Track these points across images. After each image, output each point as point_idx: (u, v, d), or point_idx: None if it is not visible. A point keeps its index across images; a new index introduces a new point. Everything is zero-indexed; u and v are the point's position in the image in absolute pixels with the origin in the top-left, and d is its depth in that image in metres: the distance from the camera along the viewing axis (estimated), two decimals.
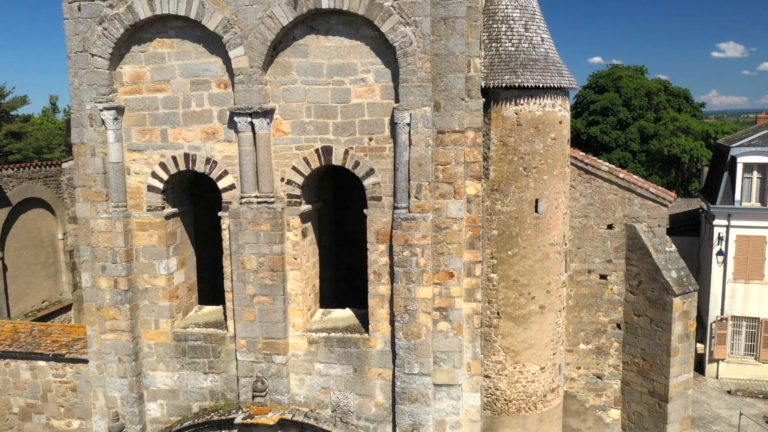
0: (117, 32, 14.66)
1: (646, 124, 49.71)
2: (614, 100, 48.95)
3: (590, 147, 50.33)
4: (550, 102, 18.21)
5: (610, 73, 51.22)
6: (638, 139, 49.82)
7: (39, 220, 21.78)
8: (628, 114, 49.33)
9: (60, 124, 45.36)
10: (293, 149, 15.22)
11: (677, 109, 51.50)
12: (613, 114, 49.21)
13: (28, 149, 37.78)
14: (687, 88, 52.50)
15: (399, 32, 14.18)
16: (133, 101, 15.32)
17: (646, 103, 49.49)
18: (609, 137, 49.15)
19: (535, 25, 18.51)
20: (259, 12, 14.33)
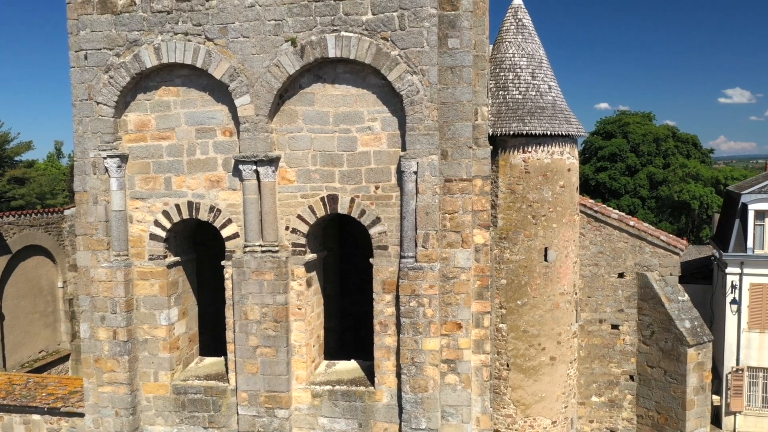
0: (123, 81, 14.84)
1: (655, 170, 49.76)
2: (622, 146, 49.13)
3: (599, 193, 50.28)
4: (558, 149, 18.27)
5: (618, 120, 51.52)
6: (647, 186, 49.81)
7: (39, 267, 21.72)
8: (636, 160, 49.43)
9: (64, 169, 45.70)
10: (298, 197, 15.22)
11: (686, 155, 51.63)
12: (621, 160, 49.31)
13: (31, 195, 37.98)
14: (695, 134, 52.70)
15: (406, 81, 14.30)
16: (137, 149, 15.41)
17: (655, 149, 49.64)
18: (618, 183, 49.15)
19: (542, 73, 18.70)
20: (266, 61, 14.50)
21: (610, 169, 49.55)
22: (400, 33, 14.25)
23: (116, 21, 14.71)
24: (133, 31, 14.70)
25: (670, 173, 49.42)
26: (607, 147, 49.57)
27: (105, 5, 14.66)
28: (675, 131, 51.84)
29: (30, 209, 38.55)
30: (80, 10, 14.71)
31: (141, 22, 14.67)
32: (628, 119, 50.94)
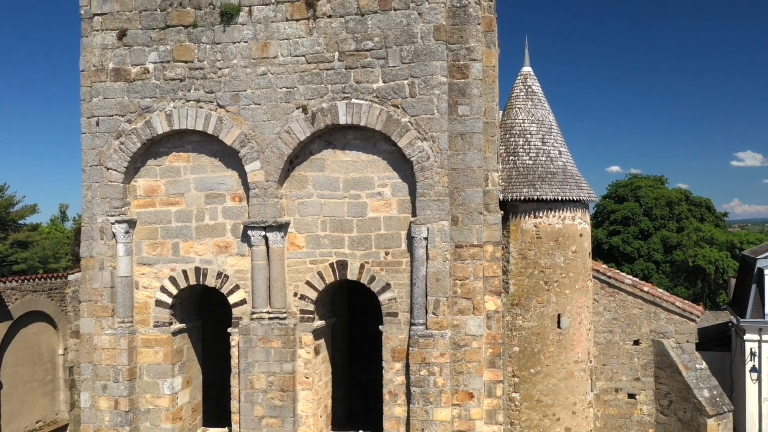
0: (134, 147, 15.24)
1: (669, 234, 49.78)
2: (635, 210, 49.28)
3: (612, 257, 50.21)
4: (569, 215, 18.45)
5: (630, 183, 51.85)
6: (661, 250, 49.74)
7: (40, 334, 21.69)
8: (649, 224, 49.51)
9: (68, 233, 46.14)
10: (307, 263, 15.36)
11: (700, 219, 51.67)
12: (634, 224, 49.41)
13: (34, 259, 38.27)
14: (708, 198, 52.88)
15: (416, 147, 14.63)
16: (145, 214, 15.68)
17: (668, 213, 49.76)
18: (631, 247, 49.14)
19: (552, 138, 19.07)
20: (277, 127, 14.90)
21: (623, 233, 49.60)
22: (410, 100, 14.67)
23: (129, 88, 15.22)
24: (146, 98, 15.19)
25: (684, 237, 49.41)
26: (619, 210, 49.72)
27: (119, 73, 15.20)
28: (688, 195, 52.04)
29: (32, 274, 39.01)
30: (94, 78, 15.24)
31: (154, 89, 15.17)
32: (640, 183, 51.25)
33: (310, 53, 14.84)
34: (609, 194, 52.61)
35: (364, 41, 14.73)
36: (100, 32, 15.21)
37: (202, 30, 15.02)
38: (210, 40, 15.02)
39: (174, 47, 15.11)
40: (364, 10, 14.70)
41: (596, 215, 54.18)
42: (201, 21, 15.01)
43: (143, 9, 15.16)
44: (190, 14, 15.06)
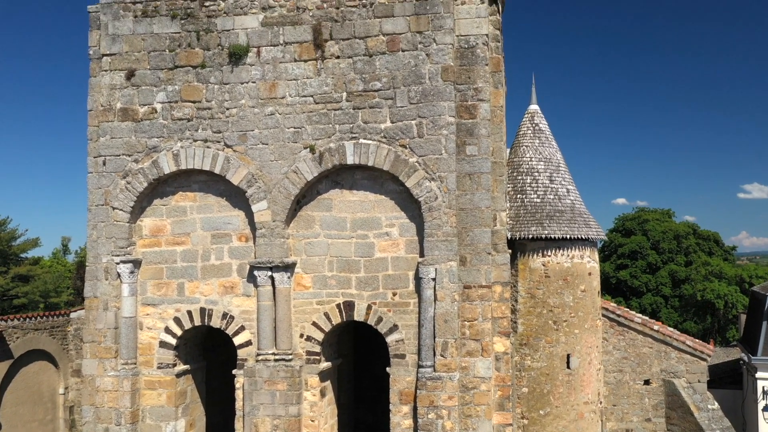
0: (140, 186, 15.32)
1: (677, 268, 49.67)
2: (642, 244, 49.28)
3: (620, 291, 50.04)
4: (578, 253, 18.45)
5: (637, 216, 51.92)
6: (669, 284, 49.60)
7: (41, 373, 21.58)
8: (657, 257, 49.44)
9: (70, 266, 46.14)
10: (314, 304, 15.33)
11: (708, 253, 51.60)
12: (642, 257, 49.36)
13: (35, 293, 38.21)
14: (716, 231, 52.88)
15: (424, 187, 14.69)
16: (151, 254, 15.70)
17: (676, 247, 49.72)
18: (639, 281, 49.01)
19: (560, 176, 19.14)
20: (284, 167, 14.99)
21: (630, 267, 49.53)
22: (418, 140, 14.77)
23: (137, 128, 15.36)
24: (153, 138, 15.32)
25: (692, 271, 49.27)
26: (627, 244, 49.73)
27: (126, 113, 15.35)
28: (696, 228, 52.05)
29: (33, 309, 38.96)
30: (101, 118, 15.39)
31: (161, 129, 15.31)
32: (648, 216, 51.32)
33: (318, 93, 14.99)
34: (616, 228, 52.64)
35: (372, 82, 14.89)
36: (109, 72, 15.40)
37: (210, 70, 15.20)
38: (218, 80, 15.19)
39: (182, 87, 15.27)
40: (372, 51, 14.88)
41: (603, 249, 54.10)
42: (209, 61, 15.20)
43: (152, 50, 15.35)
44: (199, 55, 15.25)
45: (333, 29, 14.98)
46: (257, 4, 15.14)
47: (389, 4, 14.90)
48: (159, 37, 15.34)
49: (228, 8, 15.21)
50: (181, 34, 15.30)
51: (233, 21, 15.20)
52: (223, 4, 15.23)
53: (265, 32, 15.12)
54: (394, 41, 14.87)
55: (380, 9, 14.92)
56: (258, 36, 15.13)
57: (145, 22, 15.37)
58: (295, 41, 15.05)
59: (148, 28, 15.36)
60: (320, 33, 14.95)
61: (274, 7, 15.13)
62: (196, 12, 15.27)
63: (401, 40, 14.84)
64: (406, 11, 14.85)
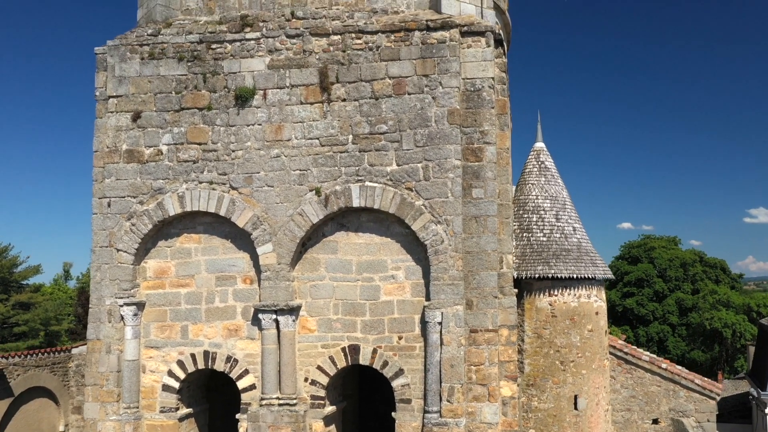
0: (145, 228, 15.35)
1: (684, 296, 49.59)
2: (649, 271, 49.27)
3: (626, 319, 49.93)
4: (585, 293, 18.42)
5: (643, 244, 51.98)
6: (677, 312, 49.48)
7: (41, 410, 21.48)
8: (664, 285, 49.38)
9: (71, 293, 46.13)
10: (319, 347, 15.29)
11: (715, 281, 51.56)
12: (648, 285, 49.31)
13: (35, 321, 38.13)
14: (723, 259, 52.95)
15: (430, 231, 14.70)
16: (154, 296, 15.68)
17: (682, 275, 49.71)
18: (645, 309, 48.90)
19: (566, 215, 19.16)
20: (290, 209, 15.02)
21: (637, 294, 49.47)
22: (424, 183, 14.81)
23: (142, 170, 15.41)
24: (159, 180, 15.37)
25: (699, 299, 49.17)
26: (633, 272, 49.71)
27: (132, 155, 15.41)
28: (702, 256, 52.05)
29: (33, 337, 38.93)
30: (107, 159, 15.46)
31: (167, 170, 15.36)
32: (654, 243, 51.36)
33: (324, 136, 15.06)
34: (622, 255, 52.67)
35: (378, 124, 14.96)
36: (115, 114, 15.48)
37: (216, 112, 15.29)
38: (224, 122, 15.27)
39: (188, 129, 15.35)
40: (378, 94, 14.97)
41: None
42: (216, 104, 15.29)
43: (158, 92, 15.45)
44: (205, 97, 15.35)
45: (339, 72, 15.08)
46: (264, 47, 15.26)
47: (395, 48, 15.02)
48: (165, 79, 15.45)
49: (235, 51, 15.33)
50: (187, 76, 15.41)
51: (240, 63, 15.31)
52: (230, 46, 15.35)
53: (271, 75, 15.23)
54: (401, 84, 14.96)
55: (386, 52, 15.03)
56: (264, 78, 15.24)
57: (152, 64, 15.48)
58: (301, 84, 15.15)
59: (155, 70, 15.47)
60: (327, 76, 15.05)
61: (281, 50, 15.24)
62: (203, 54, 15.38)
63: (407, 83, 14.94)
64: (412, 55, 14.96)
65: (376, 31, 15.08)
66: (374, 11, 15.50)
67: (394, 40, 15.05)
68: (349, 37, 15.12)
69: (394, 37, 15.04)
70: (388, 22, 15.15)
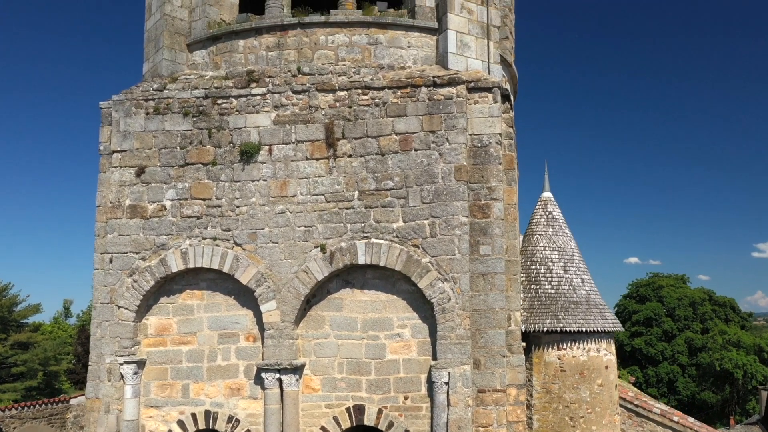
0: (147, 285, 15.24)
1: (693, 336, 49.32)
2: (657, 310, 49.09)
3: (635, 360, 49.60)
4: (594, 346, 18.24)
5: (651, 282, 51.87)
6: (686, 352, 49.16)
7: None
8: (673, 325, 49.16)
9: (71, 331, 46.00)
10: (323, 407, 15.08)
11: (724, 320, 51.34)
12: (657, 325, 49.09)
13: (34, 361, 37.95)
14: (732, 297, 52.74)
15: (437, 288, 14.58)
16: (155, 354, 15.52)
17: (691, 314, 49.52)
18: (654, 349, 48.62)
19: (574, 266, 19.04)
20: (294, 266, 14.92)
21: (645, 334, 49.22)
22: (431, 240, 14.72)
23: (145, 225, 15.35)
24: (162, 236, 15.29)
25: (709, 339, 48.91)
26: (641, 311, 49.55)
27: (135, 210, 15.37)
28: (711, 294, 51.90)
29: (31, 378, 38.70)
30: (110, 214, 15.41)
31: (170, 226, 15.30)
32: (662, 282, 51.23)
33: (329, 192, 15.02)
34: (629, 294, 52.54)
35: (384, 181, 14.93)
36: (119, 169, 15.47)
37: (221, 168, 15.27)
38: (229, 178, 15.24)
39: (192, 185, 15.32)
40: (384, 150, 14.96)
41: (617, 315, 53.71)
42: (220, 159, 15.28)
43: (163, 146, 15.46)
44: (210, 152, 15.34)
45: (345, 128, 15.09)
46: (269, 103, 15.29)
47: (402, 104, 15.04)
48: (170, 134, 15.47)
49: (240, 106, 15.36)
50: (192, 131, 15.42)
51: (245, 119, 15.33)
52: (236, 102, 15.39)
53: (277, 130, 15.23)
54: (407, 140, 14.96)
55: (393, 108, 15.05)
56: (270, 134, 15.24)
57: (157, 119, 15.51)
58: (307, 139, 15.14)
59: (160, 125, 15.49)
60: (332, 132, 15.05)
61: (287, 106, 15.27)
62: (209, 110, 15.41)
63: (414, 139, 14.93)
64: (418, 111, 14.97)
65: (382, 87, 15.11)
66: (381, 67, 15.54)
67: (401, 96, 15.07)
68: (355, 92, 15.16)
69: (401, 93, 15.07)
70: (394, 78, 15.19)
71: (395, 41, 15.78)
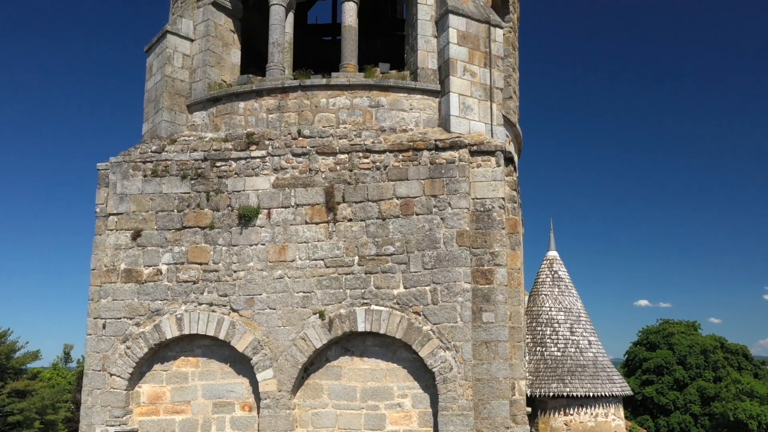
0: (140, 352, 14.95)
1: (706, 385, 48.46)
2: (668, 358, 48.36)
3: (647, 409, 48.70)
4: (602, 411, 17.85)
5: (661, 329, 51.21)
6: (698, 401, 48.25)
7: None
8: (684, 373, 48.35)
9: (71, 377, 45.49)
10: None
11: (737, 368, 50.52)
12: (668, 373, 48.30)
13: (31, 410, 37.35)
14: (744, 344, 51.98)
15: (438, 357, 14.26)
16: (148, 423, 15.14)
17: (703, 362, 48.75)
18: (666, 399, 47.72)
19: (581, 327, 18.73)
20: (292, 333, 14.65)
21: (656, 382, 48.40)
22: (432, 307, 14.44)
23: (140, 290, 15.11)
24: (156, 301, 15.05)
25: (722, 388, 48.04)
26: (652, 359, 48.82)
27: (130, 274, 15.15)
28: (723, 342, 51.16)
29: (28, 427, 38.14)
30: (104, 278, 15.20)
31: (165, 291, 15.06)
32: (672, 329, 50.58)
33: (329, 257, 14.79)
34: (640, 341, 51.83)
35: (384, 246, 14.70)
36: (114, 232, 15.29)
37: (219, 231, 15.08)
38: (226, 242, 15.04)
39: (189, 249, 15.11)
40: (385, 215, 14.77)
41: (627, 363, 53.10)
42: (218, 222, 15.10)
43: (160, 209, 15.30)
44: (208, 216, 15.17)
45: (346, 192, 14.92)
46: (269, 166, 15.16)
47: (403, 168, 14.89)
48: (168, 197, 15.32)
49: (240, 169, 15.24)
50: (190, 194, 15.27)
51: (244, 182, 15.19)
52: (235, 164, 15.27)
53: (276, 194, 15.08)
54: (408, 205, 14.77)
55: (394, 172, 14.89)
56: (269, 197, 15.08)
57: (155, 182, 15.38)
58: (306, 203, 14.97)
59: (158, 187, 15.35)
60: (333, 195, 14.88)
61: (287, 169, 15.13)
62: (207, 172, 15.29)
63: (415, 203, 14.75)
64: (420, 175, 14.82)
65: (383, 151, 14.98)
66: (382, 129, 15.43)
67: (402, 160, 14.93)
68: (356, 156, 15.02)
69: (402, 157, 14.93)
70: (396, 141, 15.07)
71: (397, 103, 15.70)
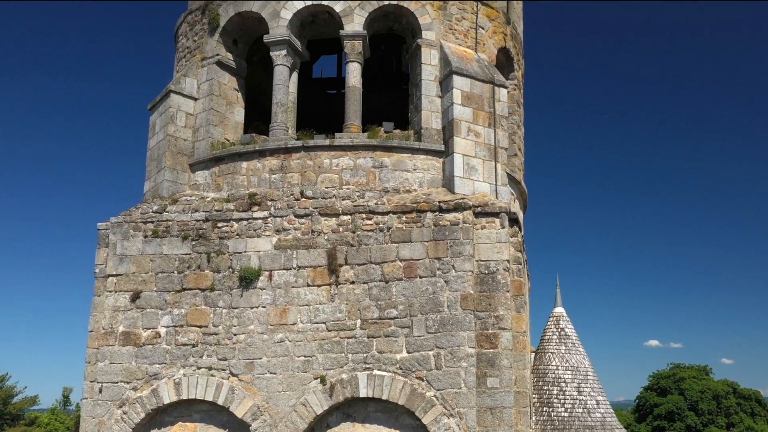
0: (137, 417, 14.75)
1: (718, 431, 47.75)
2: (680, 404, 47.77)
3: None
4: None
5: (672, 374, 50.67)
6: None
7: None
8: (696, 419, 47.71)
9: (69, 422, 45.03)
10: None
11: (750, 414, 49.82)
12: (680, 419, 47.68)
13: None
14: (757, 389, 51.25)
15: (442, 424, 14.05)
16: None
17: (715, 408, 48.12)
18: None
19: (588, 386, 18.47)
20: (292, 399, 14.45)
21: (668, 429, 47.73)
22: (436, 373, 14.25)
23: (138, 353, 14.97)
24: (154, 364, 14.89)
25: None
26: (663, 404, 48.26)
27: (128, 337, 15.03)
28: (735, 387, 50.50)
29: None
30: (101, 341, 15.08)
31: (164, 354, 14.91)
32: (683, 374, 50.03)
33: (330, 320, 14.65)
34: (651, 386, 51.22)
35: (387, 309, 14.57)
36: (113, 293, 15.22)
37: (219, 293, 14.98)
38: (227, 304, 14.93)
39: (189, 311, 14.99)
40: (388, 278, 14.66)
41: (638, 408, 52.45)
42: (219, 284, 15.01)
43: (160, 271, 15.23)
44: (208, 277, 15.09)
45: (348, 254, 14.84)
46: (271, 227, 15.11)
47: (407, 229, 14.82)
48: (168, 258, 15.26)
49: (241, 230, 15.19)
50: (191, 255, 15.21)
51: (246, 243, 15.13)
52: (237, 225, 15.23)
53: (278, 255, 15.00)
54: (412, 267, 14.67)
55: (397, 234, 14.82)
56: (270, 259, 15.00)
57: (155, 243, 15.33)
58: (308, 265, 14.89)
59: (158, 248, 15.30)
60: (335, 257, 14.80)
61: (289, 230, 15.08)
62: (209, 233, 15.24)
63: (419, 266, 14.64)
64: (424, 237, 14.74)
65: (387, 212, 14.92)
66: (386, 190, 15.40)
67: (406, 221, 14.87)
68: (359, 217, 14.96)
69: (406, 218, 14.87)
70: (399, 203, 15.02)
71: (401, 164, 15.70)
